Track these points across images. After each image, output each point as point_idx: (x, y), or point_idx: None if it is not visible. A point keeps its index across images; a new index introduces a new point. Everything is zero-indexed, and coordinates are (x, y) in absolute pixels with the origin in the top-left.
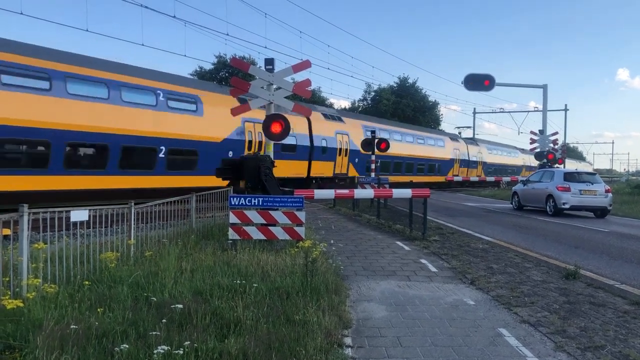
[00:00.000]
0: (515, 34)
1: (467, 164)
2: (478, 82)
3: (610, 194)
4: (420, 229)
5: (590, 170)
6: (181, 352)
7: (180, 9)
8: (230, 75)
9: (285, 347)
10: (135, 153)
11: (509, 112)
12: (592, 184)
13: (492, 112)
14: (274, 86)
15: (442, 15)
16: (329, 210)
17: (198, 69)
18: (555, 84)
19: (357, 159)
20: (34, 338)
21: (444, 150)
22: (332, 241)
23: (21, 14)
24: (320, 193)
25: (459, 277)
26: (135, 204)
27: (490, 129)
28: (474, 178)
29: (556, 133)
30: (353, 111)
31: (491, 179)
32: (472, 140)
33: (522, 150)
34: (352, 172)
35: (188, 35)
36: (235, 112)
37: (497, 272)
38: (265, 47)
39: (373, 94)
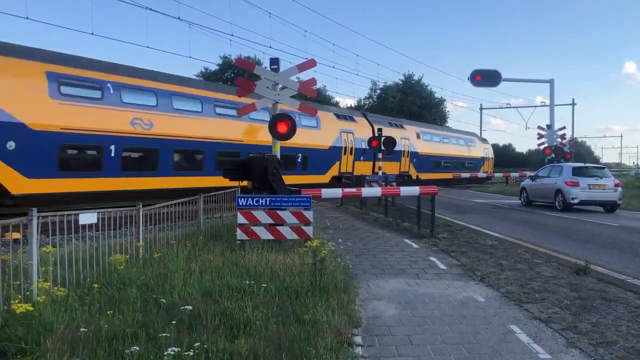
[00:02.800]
0: (521, 29)
1: (375, 154)
2: (484, 78)
3: (619, 188)
4: (429, 226)
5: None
6: (191, 353)
7: (185, 10)
8: (236, 76)
9: (296, 347)
10: None
11: (516, 107)
12: (601, 178)
13: (499, 108)
14: (280, 86)
15: (446, 12)
16: (337, 209)
17: (203, 70)
18: (562, 79)
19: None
20: (45, 341)
21: (319, 134)
22: (340, 240)
23: (27, 18)
24: (327, 192)
25: (468, 274)
26: (143, 205)
27: (497, 125)
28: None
29: (564, 128)
30: (358, 109)
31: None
32: (394, 122)
33: (485, 140)
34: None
35: (193, 36)
36: (242, 112)
37: (507, 268)
38: (270, 47)
39: (379, 91)
